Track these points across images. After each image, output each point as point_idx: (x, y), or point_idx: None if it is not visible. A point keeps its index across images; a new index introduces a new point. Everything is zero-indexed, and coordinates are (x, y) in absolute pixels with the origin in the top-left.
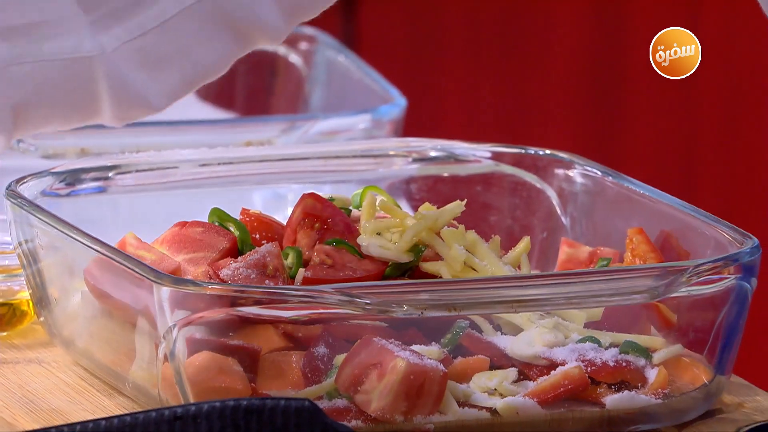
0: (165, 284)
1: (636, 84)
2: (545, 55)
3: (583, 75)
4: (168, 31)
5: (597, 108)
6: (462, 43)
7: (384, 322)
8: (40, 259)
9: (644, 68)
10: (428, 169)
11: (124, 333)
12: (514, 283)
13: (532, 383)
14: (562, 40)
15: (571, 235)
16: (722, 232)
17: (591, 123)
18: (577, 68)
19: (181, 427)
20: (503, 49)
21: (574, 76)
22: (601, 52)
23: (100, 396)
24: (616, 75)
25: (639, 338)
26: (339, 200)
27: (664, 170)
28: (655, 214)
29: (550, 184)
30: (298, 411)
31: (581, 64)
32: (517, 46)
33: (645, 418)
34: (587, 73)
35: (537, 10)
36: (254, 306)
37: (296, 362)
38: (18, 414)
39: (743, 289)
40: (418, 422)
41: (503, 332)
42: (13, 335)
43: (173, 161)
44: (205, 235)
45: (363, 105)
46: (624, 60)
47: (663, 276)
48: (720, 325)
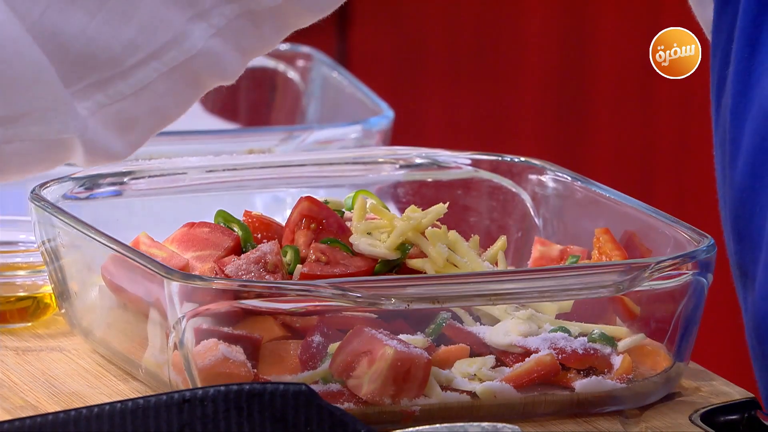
0: (175, 279)
1: (600, 98)
2: (518, 72)
3: (552, 90)
4: (143, 95)
5: (565, 119)
6: (443, 62)
7: (374, 313)
8: (62, 257)
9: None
10: (413, 175)
11: (138, 323)
12: (491, 278)
13: (509, 369)
14: (534, 58)
15: (544, 234)
16: (681, 231)
17: (560, 132)
18: (547, 84)
19: (190, 409)
20: (480, 66)
21: (545, 90)
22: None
23: (116, 381)
24: (581, 90)
25: (605, 328)
26: (333, 203)
27: (626, 175)
28: (620, 215)
29: (524, 189)
30: (295, 394)
31: (550, 80)
32: (493, 63)
33: (611, 400)
34: (556, 88)
35: (510, 32)
36: (256, 299)
37: (294, 350)
38: (41, 397)
39: (700, 283)
40: (404, 404)
41: (482, 323)
42: (37, 326)
43: (182, 167)
44: (211, 235)
45: (354, 117)
46: (589, 76)
47: (627, 272)
48: (679, 316)
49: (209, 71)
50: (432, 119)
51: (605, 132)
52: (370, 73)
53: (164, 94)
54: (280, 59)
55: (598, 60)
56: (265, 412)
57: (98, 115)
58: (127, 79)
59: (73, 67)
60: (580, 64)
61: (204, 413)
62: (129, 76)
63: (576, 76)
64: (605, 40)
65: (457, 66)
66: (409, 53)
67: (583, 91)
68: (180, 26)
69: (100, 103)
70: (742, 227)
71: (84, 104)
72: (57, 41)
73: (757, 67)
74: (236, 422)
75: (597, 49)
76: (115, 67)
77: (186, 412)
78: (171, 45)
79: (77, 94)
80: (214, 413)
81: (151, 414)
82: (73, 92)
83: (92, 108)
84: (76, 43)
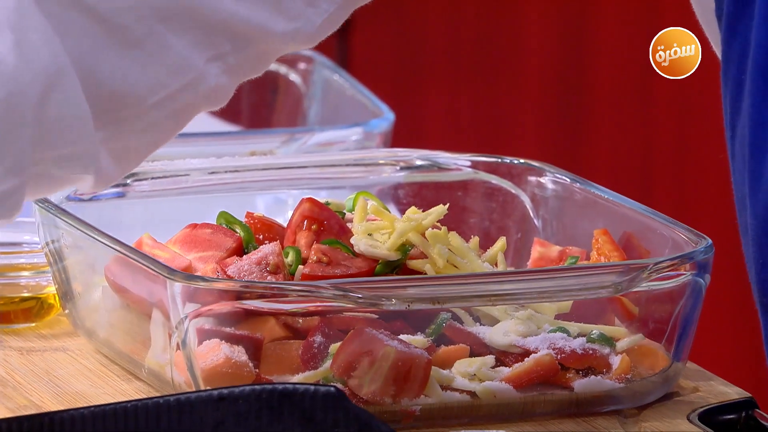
0: (177, 280)
1: (599, 100)
2: (517, 74)
3: (551, 92)
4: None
5: (564, 121)
6: (443, 64)
7: (374, 314)
8: (65, 258)
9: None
10: (414, 177)
11: (141, 324)
12: (491, 279)
13: (508, 369)
14: (533, 60)
15: (543, 235)
16: (679, 232)
17: (559, 134)
18: (546, 86)
19: (225, 407)
20: (480, 69)
21: (544, 92)
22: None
23: (120, 381)
24: (581, 92)
25: (604, 328)
26: (334, 204)
27: (625, 177)
28: (618, 216)
29: (523, 190)
30: (325, 396)
31: (550, 82)
32: (492, 66)
33: (609, 400)
34: (555, 90)
35: (509, 35)
36: (258, 299)
37: (296, 350)
38: (45, 397)
39: (698, 284)
40: (405, 404)
41: (482, 323)
42: (41, 326)
43: (185, 169)
44: (213, 236)
45: (355, 119)
46: (588, 79)
47: (626, 272)
48: (677, 316)
49: (208, 104)
50: (432, 121)
51: (604, 134)
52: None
53: (167, 130)
54: (281, 62)
55: (596, 62)
56: (295, 412)
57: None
58: (142, 117)
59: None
60: (579, 67)
61: (237, 411)
62: (145, 114)
63: (575, 78)
64: (604, 42)
65: (456, 68)
66: (410, 56)
67: (582, 94)
68: (200, 67)
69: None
70: None
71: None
72: (93, 79)
73: None
74: (267, 421)
75: (596, 51)
76: (138, 106)
77: (221, 410)
78: (189, 86)
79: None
80: (247, 411)
81: (187, 411)
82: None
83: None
84: (109, 81)
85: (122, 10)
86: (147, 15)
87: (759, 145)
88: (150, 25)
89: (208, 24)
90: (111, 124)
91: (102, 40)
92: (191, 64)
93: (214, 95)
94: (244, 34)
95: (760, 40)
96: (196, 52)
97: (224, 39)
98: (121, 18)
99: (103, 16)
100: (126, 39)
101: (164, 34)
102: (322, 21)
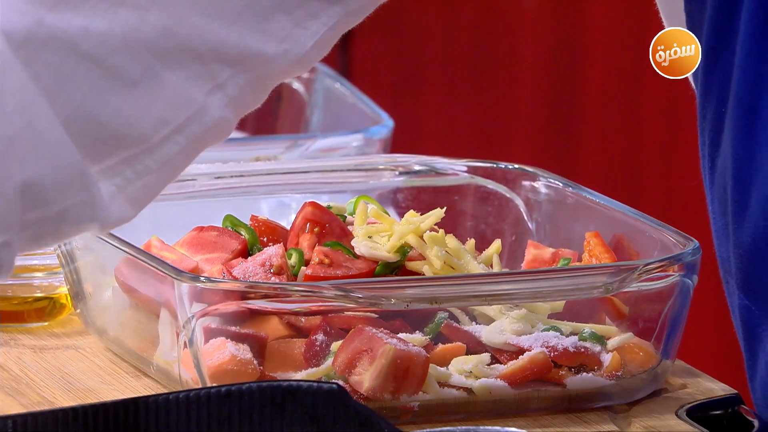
0: (184, 281)
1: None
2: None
3: (544, 99)
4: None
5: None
6: (440, 73)
7: (374, 313)
8: (77, 259)
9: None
10: (412, 181)
11: (149, 323)
12: (487, 280)
13: (503, 366)
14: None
15: (536, 238)
16: (667, 235)
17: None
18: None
19: (231, 403)
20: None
21: (537, 100)
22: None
23: (129, 377)
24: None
25: (595, 327)
26: (336, 208)
27: (615, 181)
28: (609, 219)
29: (518, 194)
30: (327, 393)
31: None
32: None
33: (601, 396)
34: (548, 98)
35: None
36: (262, 299)
37: (298, 348)
38: (57, 393)
39: (686, 285)
40: (404, 400)
41: (478, 322)
42: (54, 325)
43: (192, 174)
44: (219, 238)
45: (356, 126)
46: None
47: (616, 273)
48: (666, 316)
49: (215, 138)
50: (430, 128)
51: (595, 140)
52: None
53: (178, 166)
54: None
55: (587, 71)
56: (298, 408)
57: (126, 191)
58: (153, 155)
59: (107, 145)
60: (571, 75)
61: (242, 407)
62: (155, 151)
63: (567, 86)
64: (594, 53)
65: (453, 77)
66: (408, 66)
67: (573, 101)
68: (201, 100)
69: (129, 180)
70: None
71: (114, 180)
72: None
73: (759, 135)
74: (271, 416)
75: (586, 61)
76: (144, 142)
77: (227, 406)
78: (193, 119)
79: (108, 171)
80: (251, 407)
81: (194, 407)
82: (104, 169)
83: (121, 184)
84: (111, 123)
85: (116, 50)
86: (140, 52)
87: (743, 179)
88: (145, 62)
89: (201, 54)
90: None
91: (101, 83)
92: (191, 97)
93: (219, 128)
94: (238, 59)
95: (743, 76)
96: (195, 86)
97: (220, 66)
98: (115, 58)
99: (98, 59)
100: (123, 79)
101: (160, 70)
102: (314, 42)
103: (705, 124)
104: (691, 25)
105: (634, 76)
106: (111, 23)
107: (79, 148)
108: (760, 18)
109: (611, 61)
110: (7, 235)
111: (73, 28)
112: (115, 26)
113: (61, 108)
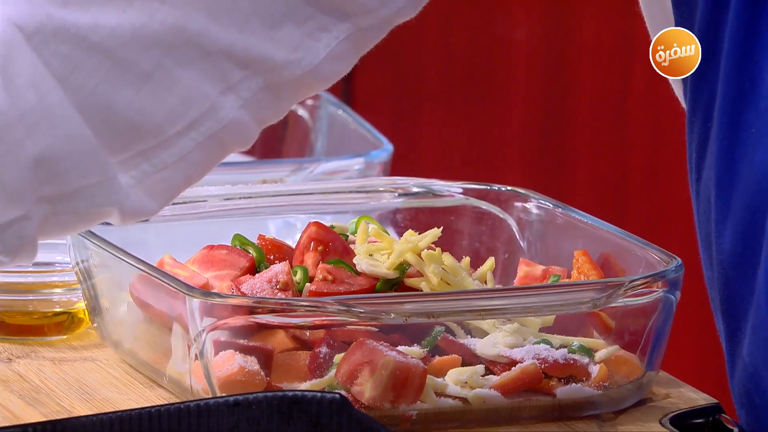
0: (196, 296)
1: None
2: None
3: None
4: (181, 164)
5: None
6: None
7: (375, 327)
8: (94, 276)
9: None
10: (411, 203)
11: (162, 336)
12: (481, 296)
13: (496, 377)
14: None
15: (528, 256)
16: (652, 253)
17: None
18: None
19: (239, 412)
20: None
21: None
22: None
23: (143, 388)
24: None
25: (584, 340)
26: (338, 228)
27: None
28: (597, 238)
29: (510, 215)
30: (330, 402)
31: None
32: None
33: (589, 405)
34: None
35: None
36: (269, 314)
37: (303, 360)
38: (75, 403)
39: (669, 300)
40: (402, 409)
41: (473, 335)
42: (72, 338)
43: (203, 195)
44: (228, 256)
45: (357, 150)
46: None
47: (603, 290)
48: (650, 329)
49: (234, 140)
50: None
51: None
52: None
53: (197, 162)
54: None
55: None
56: (303, 416)
57: (144, 184)
58: (169, 149)
59: (122, 137)
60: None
61: (250, 416)
62: (171, 145)
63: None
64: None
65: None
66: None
67: (562, 126)
68: (213, 98)
69: (146, 173)
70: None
71: (131, 173)
72: (107, 112)
73: (740, 146)
74: (278, 424)
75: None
76: (158, 136)
77: (236, 415)
78: (206, 116)
79: (125, 164)
80: (259, 416)
81: (204, 415)
82: (121, 161)
83: (138, 177)
84: (124, 114)
85: (126, 44)
86: (150, 47)
87: (725, 187)
88: (155, 57)
89: (210, 53)
90: (137, 157)
91: (112, 74)
92: (204, 93)
93: (235, 130)
94: (247, 62)
95: (725, 93)
96: (206, 84)
97: (230, 66)
98: (125, 52)
99: (109, 51)
100: (135, 72)
101: (171, 66)
102: (327, 54)
103: (692, 137)
104: None
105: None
106: (120, 19)
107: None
108: (741, 36)
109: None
110: (24, 208)
111: (82, 23)
112: (125, 22)
113: (73, 94)
